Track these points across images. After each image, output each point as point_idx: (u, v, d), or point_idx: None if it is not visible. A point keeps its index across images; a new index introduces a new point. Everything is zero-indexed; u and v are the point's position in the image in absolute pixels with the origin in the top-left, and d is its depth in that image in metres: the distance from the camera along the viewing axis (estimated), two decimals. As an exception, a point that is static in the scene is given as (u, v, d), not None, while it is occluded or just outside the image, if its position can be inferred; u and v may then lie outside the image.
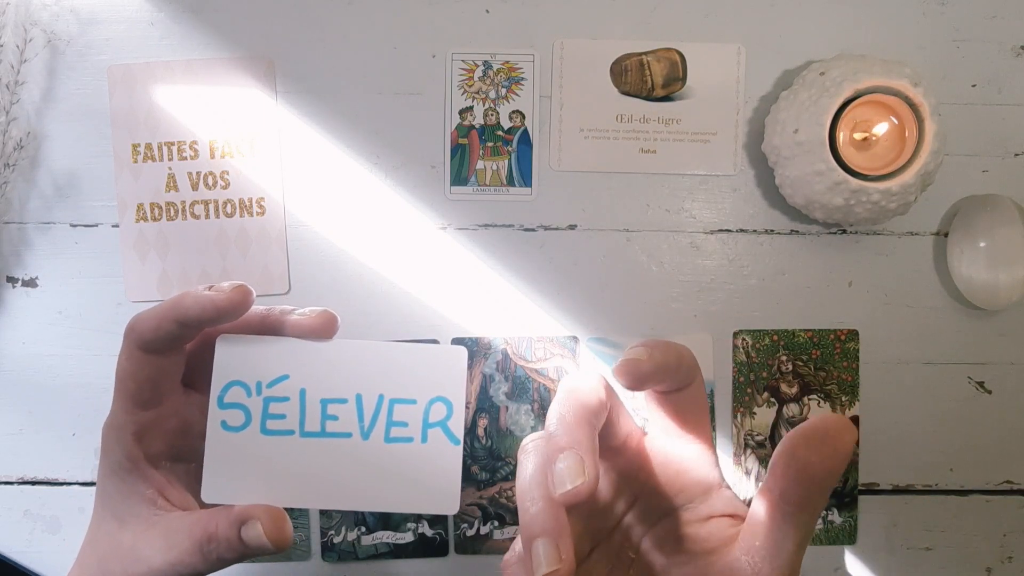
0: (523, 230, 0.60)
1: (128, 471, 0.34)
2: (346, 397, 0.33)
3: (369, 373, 0.33)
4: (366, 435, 0.33)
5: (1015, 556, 0.62)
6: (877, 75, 0.52)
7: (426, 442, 0.33)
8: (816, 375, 0.60)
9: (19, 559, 0.60)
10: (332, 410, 0.33)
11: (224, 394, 0.33)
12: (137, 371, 0.34)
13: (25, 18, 0.59)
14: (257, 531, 0.32)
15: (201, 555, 0.33)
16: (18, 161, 0.59)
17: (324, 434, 0.33)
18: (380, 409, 0.33)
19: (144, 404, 0.35)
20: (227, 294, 0.32)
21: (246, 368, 0.33)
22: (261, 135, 0.59)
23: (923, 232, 0.60)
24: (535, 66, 0.59)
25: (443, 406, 0.33)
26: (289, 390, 0.33)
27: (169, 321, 0.33)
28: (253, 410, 0.33)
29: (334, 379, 0.33)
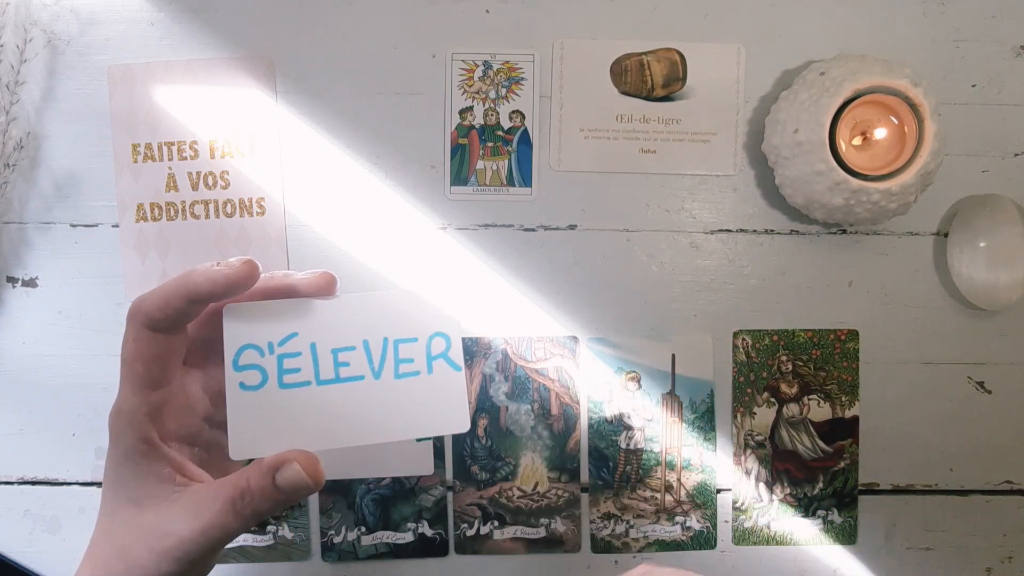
0: (523, 230, 0.60)
1: (143, 454, 0.35)
2: (354, 344, 0.36)
3: (371, 320, 0.36)
4: (377, 375, 0.36)
5: (1015, 556, 0.62)
6: (877, 75, 0.52)
7: (432, 373, 0.36)
8: (816, 375, 0.60)
9: (19, 559, 0.60)
10: (343, 357, 0.36)
11: (238, 357, 0.35)
12: (145, 351, 0.34)
13: (25, 18, 0.59)
14: (295, 470, 0.33)
15: (234, 512, 0.33)
16: (18, 161, 0.59)
17: (339, 379, 0.35)
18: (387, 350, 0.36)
19: (154, 384, 0.35)
20: (237, 268, 0.33)
21: (256, 331, 0.35)
22: (261, 135, 0.59)
23: (923, 232, 0.60)
24: (535, 66, 0.59)
25: (442, 340, 0.36)
26: (300, 345, 0.35)
27: (179, 298, 0.33)
28: (268, 368, 0.35)
29: (340, 330, 0.36)
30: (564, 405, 0.60)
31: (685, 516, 0.60)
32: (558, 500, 0.60)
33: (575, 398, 0.60)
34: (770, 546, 0.61)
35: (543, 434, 0.60)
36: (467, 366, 0.59)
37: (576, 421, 0.60)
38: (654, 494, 0.60)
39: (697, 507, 0.60)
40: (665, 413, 0.60)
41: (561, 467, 0.60)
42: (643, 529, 0.60)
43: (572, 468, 0.60)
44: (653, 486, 0.60)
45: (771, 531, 0.61)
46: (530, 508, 0.60)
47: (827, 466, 0.60)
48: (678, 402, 0.60)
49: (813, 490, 0.61)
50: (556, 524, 0.60)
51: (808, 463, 0.60)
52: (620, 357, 0.60)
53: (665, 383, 0.60)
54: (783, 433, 0.60)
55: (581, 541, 0.60)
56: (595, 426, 0.60)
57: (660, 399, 0.60)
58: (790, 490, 0.60)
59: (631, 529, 0.60)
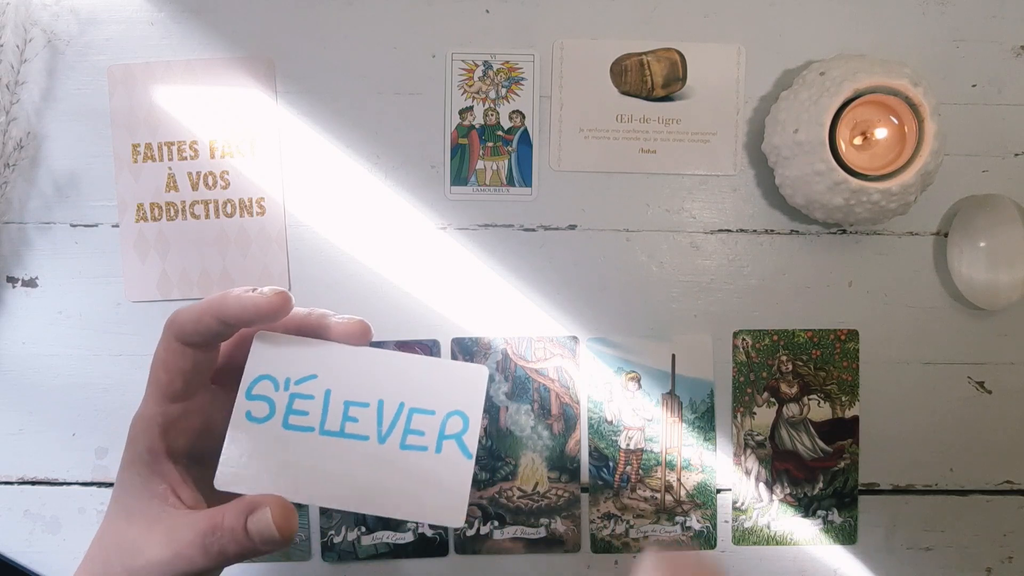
0: (523, 230, 0.60)
1: (146, 464, 0.35)
2: (368, 401, 0.34)
3: (393, 381, 0.35)
4: (383, 439, 0.34)
5: (1015, 556, 0.62)
6: (877, 75, 0.52)
7: (440, 452, 0.34)
8: (816, 375, 0.60)
9: (19, 559, 0.60)
10: (353, 412, 0.34)
11: (253, 386, 0.34)
12: (171, 361, 0.35)
13: (25, 18, 0.59)
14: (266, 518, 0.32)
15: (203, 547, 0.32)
16: (18, 161, 0.59)
17: (342, 434, 0.34)
18: (399, 416, 0.34)
19: (173, 397, 0.35)
20: (268, 298, 0.33)
21: (278, 364, 0.34)
22: (261, 135, 0.59)
23: (923, 232, 0.60)
24: (535, 66, 0.59)
25: (460, 420, 0.34)
26: (315, 389, 0.34)
27: (210, 316, 0.34)
28: (278, 404, 0.34)
29: (359, 383, 0.34)
30: (564, 405, 0.60)
31: (685, 516, 0.60)
32: (558, 500, 0.60)
33: (575, 398, 0.60)
34: (770, 546, 0.61)
35: (543, 434, 0.60)
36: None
37: (576, 421, 0.60)
38: (654, 494, 0.60)
39: (697, 507, 0.60)
40: (665, 413, 0.60)
41: (561, 467, 0.60)
42: (643, 529, 0.60)
43: (572, 468, 0.60)
44: (653, 486, 0.60)
45: (771, 531, 0.61)
46: (530, 508, 0.60)
47: (827, 466, 0.60)
48: (678, 402, 0.60)
49: (813, 490, 0.61)
50: (556, 524, 0.60)
51: (808, 463, 0.60)
52: (620, 357, 0.60)
53: (665, 383, 0.60)
54: (783, 433, 0.60)
55: (581, 541, 0.60)
56: (595, 426, 0.60)
57: (660, 399, 0.60)
58: (790, 490, 0.60)
59: (631, 529, 0.60)
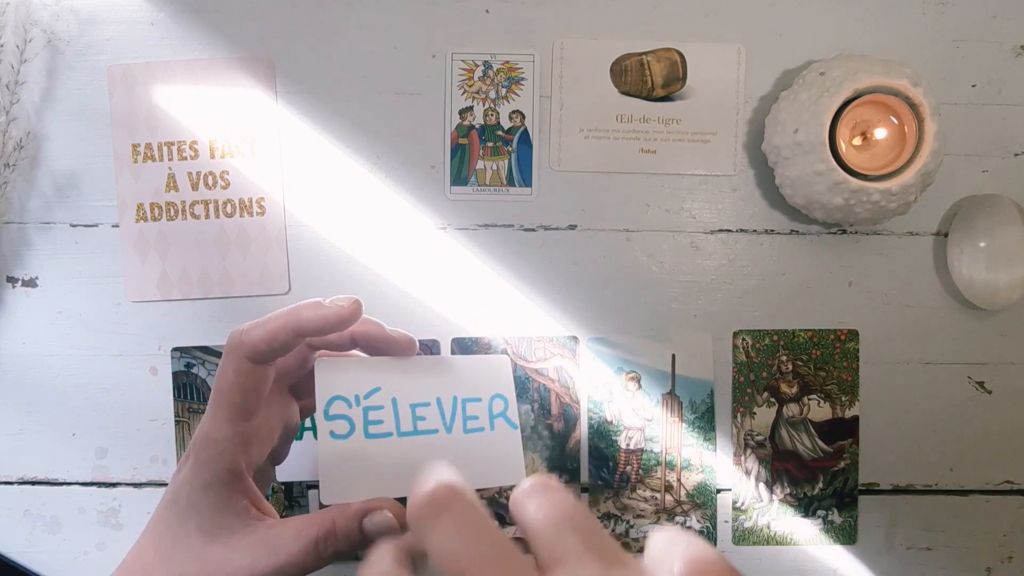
0: (523, 230, 0.60)
1: (227, 483, 0.36)
2: (429, 401, 0.40)
3: (443, 380, 0.40)
4: (449, 429, 0.40)
5: (1015, 556, 0.62)
6: (877, 75, 0.52)
7: (494, 430, 0.41)
8: (816, 375, 0.60)
9: (19, 559, 0.60)
10: (420, 412, 0.39)
11: (329, 407, 0.37)
12: (244, 383, 0.36)
13: (25, 18, 0.59)
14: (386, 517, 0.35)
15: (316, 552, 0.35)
16: (18, 161, 0.59)
17: (416, 432, 0.39)
18: (456, 408, 0.40)
19: (248, 415, 0.37)
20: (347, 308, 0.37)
21: (343, 384, 0.38)
22: (261, 135, 0.59)
23: (923, 232, 0.60)
24: (535, 66, 0.59)
25: (501, 401, 0.41)
26: (383, 399, 0.39)
27: (287, 332, 0.36)
28: (355, 419, 0.38)
29: (417, 387, 0.40)
30: (564, 405, 0.60)
31: (685, 516, 0.60)
32: (558, 500, 0.60)
33: (575, 398, 0.60)
34: (770, 546, 0.61)
35: (543, 434, 0.60)
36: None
37: (576, 421, 0.60)
38: (654, 494, 0.60)
39: (697, 507, 0.60)
40: (665, 413, 0.60)
41: (561, 467, 0.60)
42: (643, 529, 0.60)
43: (572, 468, 0.60)
44: (653, 486, 0.60)
45: (771, 531, 0.61)
46: (530, 508, 0.60)
47: (827, 466, 0.60)
48: (678, 402, 0.60)
49: (813, 490, 0.61)
50: (556, 524, 0.60)
51: (808, 463, 0.60)
52: (620, 357, 0.60)
53: (665, 383, 0.60)
54: (783, 433, 0.60)
55: (581, 541, 0.60)
56: (595, 426, 0.60)
57: (660, 399, 0.60)
58: (790, 490, 0.60)
59: (631, 529, 0.60)
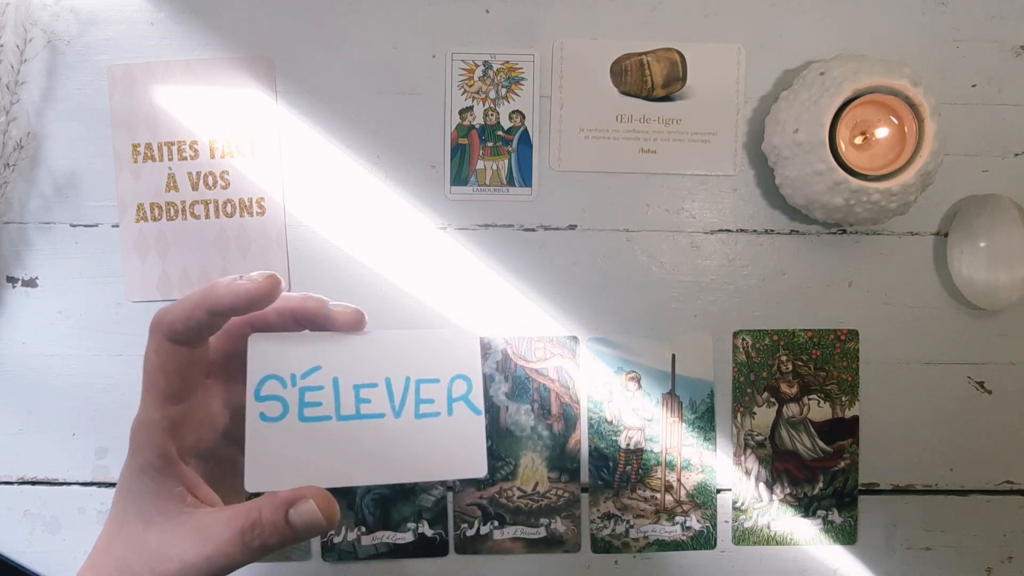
0: (523, 230, 0.60)
1: (159, 469, 0.34)
2: (376, 381, 0.36)
3: (395, 359, 0.36)
4: (398, 413, 0.36)
5: (1015, 556, 0.62)
6: (877, 75, 0.52)
7: (452, 415, 0.36)
8: (816, 375, 0.60)
9: (19, 559, 0.60)
10: (364, 394, 0.36)
11: (260, 387, 0.35)
12: (166, 363, 0.34)
13: (25, 18, 0.59)
14: (310, 508, 0.33)
15: (242, 543, 0.33)
16: (18, 161, 0.59)
17: (359, 416, 0.35)
18: (408, 390, 0.36)
19: (174, 398, 0.35)
20: (260, 283, 0.34)
21: (279, 362, 0.35)
22: (261, 135, 0.59)
23: (923, 232, 0.60)
24: (535, 66, 0.59)
25: (463, 382, 0.37)
26: (322, 379, 0.35)
27: (201, 311, 0.33)
28: (290, 400, 0.35)
29: (363, 366, 0.36)
30: (564, 405, 0.60)
31: (685, 516, 0.60)
32: (558, 500, 0.60)
33: (575, 398, 0.60)
34: (770, 546, 0.61)
35: (543, 434, 0.60)
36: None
37: (576, 421, 0.60)
38: (654, 494, 0.60)
39: (697, 507, 0.60)
40: (665, 413, 0.60)
41: (561, 467, 0.60)
42: (643, 529, 0.60)
43: (572, 468, 0.60)
44: (653, 486, 0.60)
45: (771, 531, 0.61)
46: (530, 508, 0.60)
47: (827, 466, 0.60)
48: (678, 402, 0.60)
49: (813, 490, 0.61)
50: (556, 524, 0.60)
51: (808, 463, 0.60)
52: (620, 357, 0.60)
53: (665, 383, 0.60)
54: (783, 433, 0.60)
55: (581, 541, 0.60)
56: (595, 426, 0.60)
57: (660, 399, 0.60)
58: (790, 490, 0.60)
59: (631, 529, 0.60)
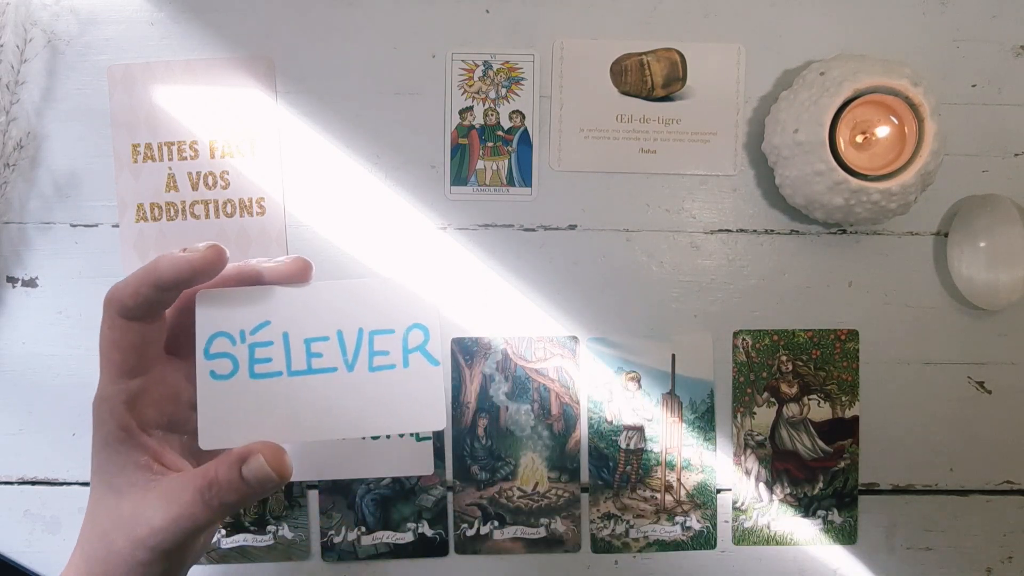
0: (523, 230, 0.60)
1: (121, 441, 0.35)
2: (327, 335, 0.35)
3: (347, 310, 0.35)
4: (351, 367, 0.35)
5: (1015, 556, 0.62)
6: (877, 75, 0.52)
7: (408, 367, 0.35)
8: (816, 375, 0.60)
9: (19, 559, 0.60)
10: (316, 348, 0.35)
11: (209, 345, 0.34)
12: (120, 339, 0.34)
13: (25, 18, 0.59)
14: (259, 463, 0.33)
15: (203, 503, 0.33)
16: (18, 161, 0.59)
17: (311, 371, 0.34)
18: (361, 342, 0.35)
19: (130, 373, 0.35)
20: (201, 253, 0.33)
21: (228, 319, 0.35)
22: (261, 135, 0.59)
23: (923, 232, 0.60)
24: (535, 66, 0.59)
25: (420, 332, 0.35)
26: (272, 334, 0.35)
27: (147, 286, 0.33)
28: (240, 357, 0.34)
29: (314, 319, 0.35)
30: (564, 405, 0.60)
31: (685, 516, 0.60)
32: (558, 500, 0.60)
33: (575, 398, 0.60)
34: (770, 546, 0.61)
35: (543, 434, 0.60)
36: (467, 365, 0.59)
37: (576, 421, 0.60)
38: (654, 494, 0.60)
39: (697, 507, 0.60)
40: (665, 413, 0.60)
41: (561, 467, 0.60)
42: (643, 529, 0.60)
43: (572, 468, 0.60)
44: (653, 486, 0.60)
45: (771, 531, 0.61)
46: (530, 508, 0.60)
47: (827, 466, 0.60)
48: (678, 402, 0.60)
49: (813, 490, 0.61)
50: (556, 524, 0.60)
51: (808, 463, 0.60)
52: (620, 357, 0.60)
53: (665, 383, 0.60)
54: (783, 433, 0.60)
55: (581, 541, 0.60)
56: (595, 426, 0.60)
57: (660, 399, 0.60)
58: (790, 490, 0.60)
59: (631, 529, 0.60)
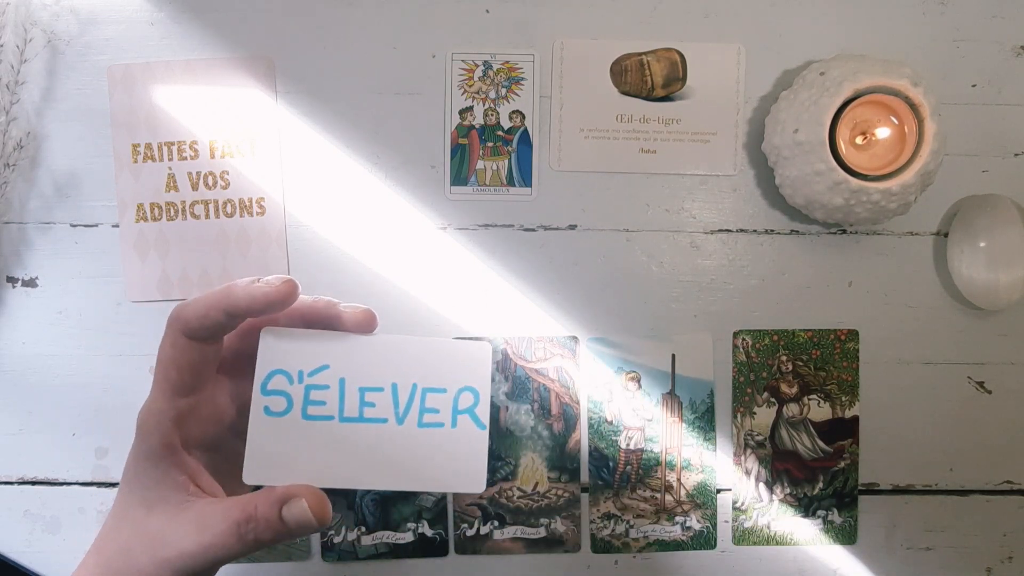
0: (523, 230, 0.60)
1: (162, 457, 0.35)
2: (382, 386, 0.36)
3: (404, 364, 0.36)
4: (401, 420, 0.36)
5: (1015, 556, 0.62)
6: (877, 75, 0.52)
7: (455, 427, 0.36)
8: (816, 375, 0.60)
9: (19, 559, 0.60)
10: (369, 397, 0.35)
11: (267, 381, 0.35)
12: (180, 358, 0.35)
13: (25, 18, 0.59)
14: (301, 508, 0.34)
15: (238, 536, 0.33)
16: (18, 161, 0.59)
17: (362, 419, 0.35)
18: (414, 397, 0.36)
19: (184, 391, 0.36)
20: (277, 288, 0.34)
21: (288, 358, 0.35)
22: (261, 135, 0.59)
23: (923, 232, 0.60)
24: (535, 66, 0.59)
25: (471, 395, 0.36)
26: (329, 379, 0.35)
27: (218, 311, 0.34)
28: (295, 397, 0.35)
29: (371, 369, 0.36)
30: (564, 405, 0.60)
31: (685, 516, 0.60)
32: (558, 500, 0.60)
33: (575, 398, 0.60)
34: (770, 546, 0.61)
35: (543, 434, 0.60)
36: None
37: (576, 421, 0.60)
38: (654, 494, 0.60)
39: (697, 507, 0.60)
40: (665, 413, 0.60)
41: (561, 467, 0.60)
42: (643, 529, 0.60)
43: (572, 468, 0.60)
44: (653, 486, 0.60)
45: (771, 531, 0.61)
46: (530, 508, 0.60)
47: (827, 466, 0.60)
48: (678, 402, 0.60)
49: (813, 490, 0.61)
50: (556, 524, 0.60)
51: (808, 463, 0.60)
52: (620, 357, 0.60)
53: (665, 383, 0.60)
54: (783, 433, 0.60)
55: (581, 541, 0.60)
56: (595, 426, 0.60)
57: (660, 399, 0.60)
58: (790, 490, 0.60)
59: (631, 529, 0.60)
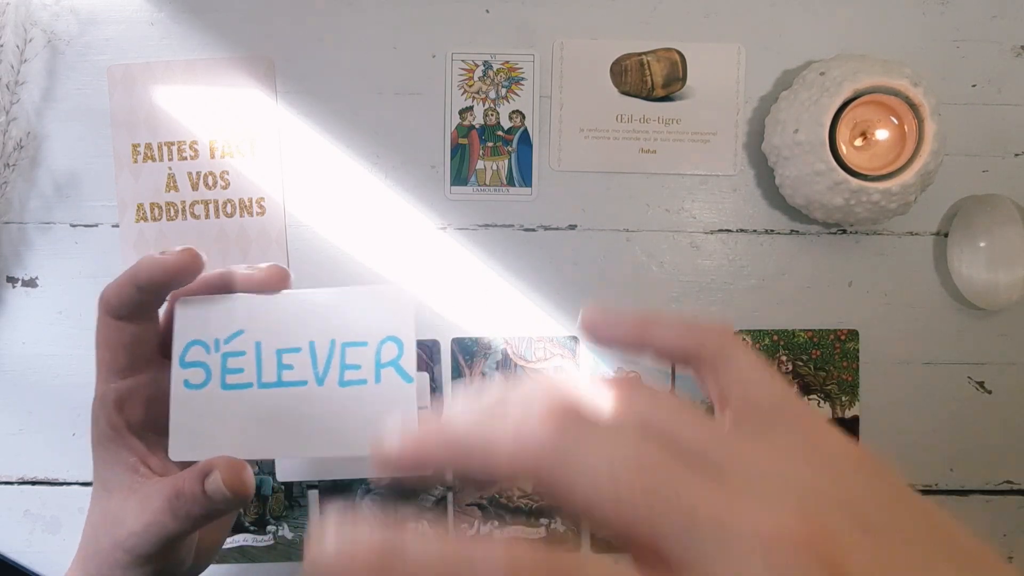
0: (523, 230, 0.60)
1: (111, 439, 0.35)
2: (299, 346, 0.33)
3: (320, 320, 0.33)
4: (321, 381, 0.33)
5: (1015, 556, 0.62)
6: (877, 75, 0.52)
7: (380, 382, 0.33)
8: (816, 375, 0.60)
9: (19, 559, 0.60)
10: (287, 359, 0.33)
11: (185, 353, 0.34)
12: (110, 338, 0.35)
13: (25, 18, 0.59)
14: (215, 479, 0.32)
15: (171, 512, 0.33)
16: (18, 161, 0.59)
17: (281, 383, 0.33)
18: (333, 354, 0.33)
19: (121, 372, 0.35)
20: (175, 256, 0.33)
21: (204, 327, 0.34)
22: (261, 135, 0.59)
23: (923, 232, 0.60)
24: (535, 66, 0.59)
25: (394, 345, 0.33)
26: (245, 344, 0.34)
27: (128, 286, 0.34)
28: (213, 367, 0.33)
29: (287, 329, 0.33)
30: (564, 405, 0.60)
31: (685, 516, 0.60)
32: (558, 500, 0.60)
33: (575, 398, 0.60)
34: (770, 546, 0.61)
35: (543, 434, 0.60)
36: (467, 365, 0.59)
37: (576, 421, 0.60)
38: (654, 494, 0.60)
39: (697, 507, 0.60)
40: (665, 413, 0.60)
41: (561, 467, 0.60)
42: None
43: (572, 468, 0.60)
44: (653, 486, 0.60)
45: (771, 531, 0.60)
46: (530, 508, 0.60)
47: (827, 466, 0.60)
48: (678, 402, 0.60)
49: (813, 490, 0.60)
50: (556, 524, 0.60)
51: (808, 463, 0.60)
52: (620, 357, 0.60)
53: (665, 383, 0.60)
54: (783, 433, 0.60)
55: (581, 541, 0.60)
56: (595, 426, 0.60)
57: (660, 399, 0.60)
58: (790, 490, 0.60)
59: (631, 529, 0.60)
